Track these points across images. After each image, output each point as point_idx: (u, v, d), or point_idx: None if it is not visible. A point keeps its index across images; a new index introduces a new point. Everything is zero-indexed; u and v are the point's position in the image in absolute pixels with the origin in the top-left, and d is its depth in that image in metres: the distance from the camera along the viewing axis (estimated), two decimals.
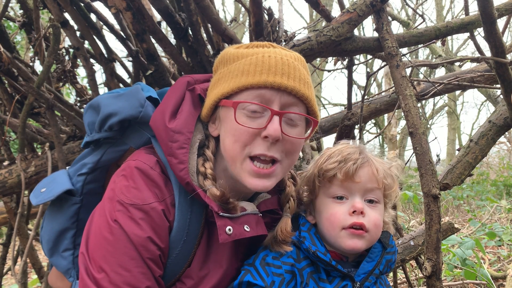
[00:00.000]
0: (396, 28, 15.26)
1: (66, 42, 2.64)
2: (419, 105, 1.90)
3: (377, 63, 17.53)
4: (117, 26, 2.35)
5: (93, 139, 1.27)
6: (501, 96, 2.05)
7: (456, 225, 2.18)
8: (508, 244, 4.43)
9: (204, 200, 1.12)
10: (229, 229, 1.11)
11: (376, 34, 2.00)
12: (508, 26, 2.73)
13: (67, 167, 1.41)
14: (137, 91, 1.27)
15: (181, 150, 1.13)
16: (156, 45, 2.00)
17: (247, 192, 1.27)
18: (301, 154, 2.12)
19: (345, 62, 2.63)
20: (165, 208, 1.11)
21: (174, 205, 1.14)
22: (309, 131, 1.26)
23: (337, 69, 2.95)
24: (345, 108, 3.07)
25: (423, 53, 15.07)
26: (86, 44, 2.33)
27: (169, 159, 1.12)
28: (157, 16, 2.34)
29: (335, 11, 18.03)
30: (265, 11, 2.09)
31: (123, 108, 1.22)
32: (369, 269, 1.22)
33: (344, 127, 2.05)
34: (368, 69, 12.61)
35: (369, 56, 3.26)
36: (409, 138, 1.82)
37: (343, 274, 1.20)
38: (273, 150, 1.13)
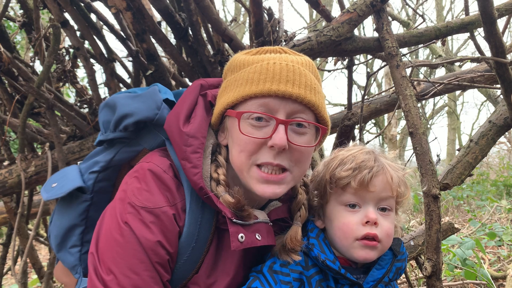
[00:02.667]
0: (396, 28, 15.27)
1: (66, 42, 2.64)
2: (419, 105, 1.90)
3: (377, 63, 17.56)
4: (117, 26, 2.35)
5: (107, 138, 1.26)
6: (501, 96, 2.05)
7: (456, 225, 2.18)
8: (508, 244, 4.43)
9: (217, 206, 1.10)
10: (242, 237, 1.10)
11: (376, 34, 2.00)
12: (508, 26, 2.73)
13: (79, 162, 1.38)
14: (155, 92, 1.26)
15: (195, 155, 1.12)
16: (156, 45, 2.00)
17: (259, 199, 1.25)
18: None
19: (345, 62, 2.63)
20: (176, 212, 1.10)
21: (185, 210, 1.12)
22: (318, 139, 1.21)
23: (337, 69, 2.94)
24: (345, 108, 3.07)
25: (423, 53, 15.06)
26: (86, 44, 2.33)
27: (182, 163, 1.11)
28: (157, 16, 2.34)
29: (335, 11, 18.04)
30: (265, 11, 2.09)
31: (139, 110, 1.21)
32: (378, 277, 1.20)
33: (344, 127, 2.05)
34: (368, 69, 12.60)
35: (369, 56, 3.25)
36: (409, 138, 1.82)
37: (352, 282, 1.18)
38: (279, 159, 1.11)
